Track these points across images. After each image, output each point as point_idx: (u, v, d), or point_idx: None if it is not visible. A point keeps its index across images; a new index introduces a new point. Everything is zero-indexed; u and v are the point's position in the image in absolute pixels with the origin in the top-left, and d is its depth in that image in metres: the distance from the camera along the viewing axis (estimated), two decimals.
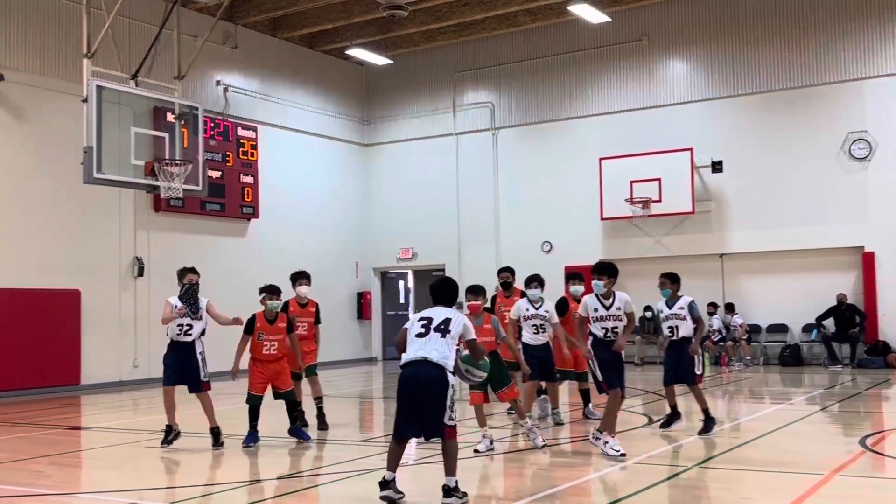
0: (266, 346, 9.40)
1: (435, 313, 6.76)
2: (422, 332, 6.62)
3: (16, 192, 16.00)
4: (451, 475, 6.39)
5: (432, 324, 6.64)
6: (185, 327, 9.32)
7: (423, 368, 6.46)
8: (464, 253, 22.60)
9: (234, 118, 20.32)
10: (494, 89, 22.68)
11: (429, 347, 6.51)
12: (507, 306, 11.15)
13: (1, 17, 15.98)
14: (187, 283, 9.47)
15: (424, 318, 6.73)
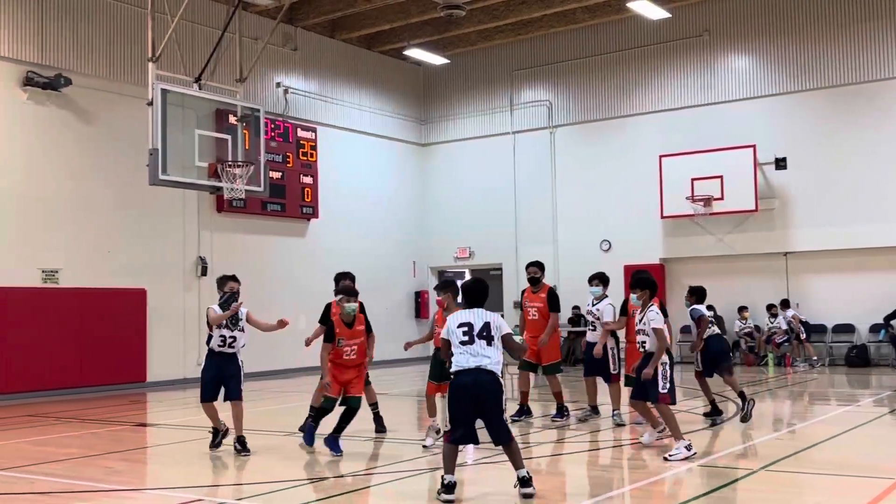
0: (347, 350, 8.93)
1: (473, 317, 6.83)
2: (466, 340, 6.73)
3: (84, 193, 16.40)
4: (523, 467, 6.68)
5: (474, 330, 6.75)
6: (229, 339, 9.09)
7: (480, 377, 6.62)
8: (521, 252, 22.52)
9: (293, 119, 20.56)
10: (552, 87, 22.57)
11: (481, 356, 6.67)
12: (534, 302, 10.99)
13: (69, 24, 16.40)
14: (228, 290, 9.30)
15: (464, 325, 6.80)
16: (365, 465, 8.58)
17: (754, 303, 19.73)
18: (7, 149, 15.42)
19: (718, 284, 20.40)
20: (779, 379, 16.62)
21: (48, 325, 15.61)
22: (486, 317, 6.82)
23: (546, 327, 10.81)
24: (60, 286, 15.97)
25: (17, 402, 14.65)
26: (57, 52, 16.16)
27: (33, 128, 15.78)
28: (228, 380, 9.12)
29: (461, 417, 6.64)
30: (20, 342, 15.17)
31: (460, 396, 6.66)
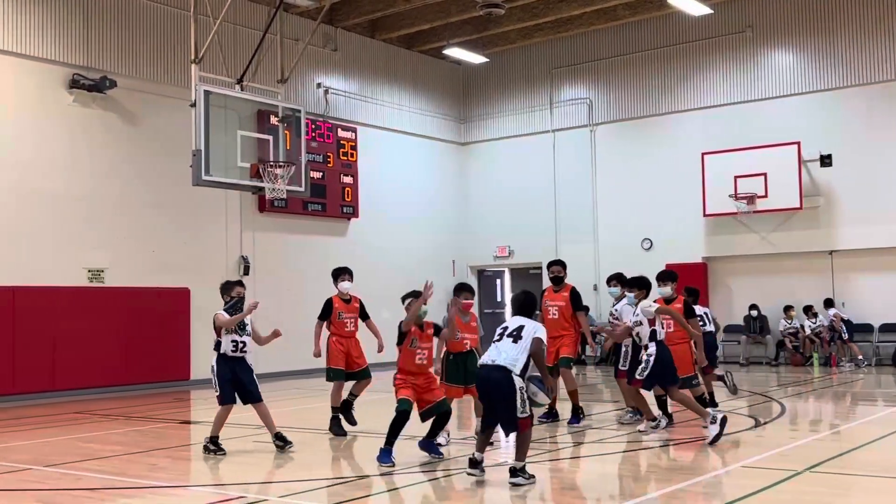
0: (419, 354, 8.50)
1: (512, 322, 7.50)
2: (496, 339, 7.41)
3: (128, 194, 16.66)
4: (521, 460, 7.18)
5: (507, 331, 7.40)
6: (241, 344, 9.18)
7: (491, 373, 7.23)
8: (561, 251, 22.38)
9: (334, 120, 20.69)
10: (592, 85, 22.44)
11: (499, 352, 7.26)
12: (555, 301, 10.86)
13: (113, 27, 16.67)
14: (235, 296, 9.31)
15: (502, 328, 7.50)
16: (409, 464, 8.59)
17: (800, 302, 19.45)
18: (54, 150, 15.72)
19: (762, 283, 20.21)
20: (824, 379, 16.37)
21: (94, 324, 15.88)
22: (525, 322, 7.40)
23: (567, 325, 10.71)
24: (106, 285, 16.24)
25: (64, 399, 14.94)
26: (102, 55, 16.43)
27: (79, 129, 16.07)
28: (247, 384, 9.18)
29: (485, 407, 7.44)
30: (67, 341, 15.46)
31: (478, 389, 7.61)
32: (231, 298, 9.31)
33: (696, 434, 9.86)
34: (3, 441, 10.45)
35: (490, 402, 7.34)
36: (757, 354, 19.90)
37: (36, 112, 15.55)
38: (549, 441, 9.71)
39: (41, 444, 10.08)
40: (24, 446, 9.93)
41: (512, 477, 7.10)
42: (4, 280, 14.80)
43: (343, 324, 10.33)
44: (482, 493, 7.10)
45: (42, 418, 12.55)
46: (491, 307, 24.68)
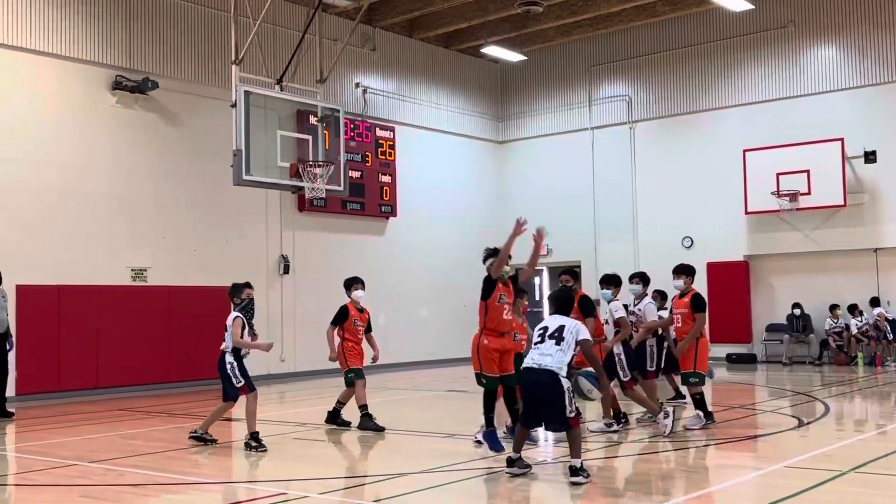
0: (506, 309, 8.63)
1: (551, 322, 7.59)
2: (538, 341, 7.50)
3: (171, 194, 16.87)
4: (577, 457, 7.23)
5: (547, 332, 7.49)
6: None
7: (539, 376, 7.33)
8: (600, 249, 22.31)
9: (372, 119, 20.76)
10: (631, 82, 22.27)
11: (543, 354, 7.39)
12: None
13: (155, 28, 16.89)
14: (245, 297, 9.53)
15: (542, 328, 7.58)
16: (442, 462, 8.61)
17: (844, 301, 19.14)
18: (97, 151, 15.96)
19: (806, 282, 19.91)
20: (868, 379, 16.09)
21: (137, 323, 16.11)
22: (565, 322, 7.54)
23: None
24: (149, 284, 16.46)
25: (108, 396, 15.18)
26: (144, 57, 16.65)
27: (122, 130, 16.30)
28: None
29: (528, 408, 7.53)
30: (111, 339, 15.70)
31: (525, 391, 7.65)
32: (241, 301, 9.54)
33: (740, 434, 9.77)
34: (49, 437, 10.65)
35: (537, 405, 7.41)
36: (800, 354, 19.61)
37: (80, 113, 15.80)
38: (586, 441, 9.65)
39: (86, 440, 10.25)
40: (69, 442, 10.11)
41: (573, 476, 7.14)
42: (50, 279, 15.07)
43: (357, 331, 10.71)
44: (527, 492, 7.09)
45: (86, 415, 12.76)
46: (529, 306, 24.56)
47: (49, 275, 15.06)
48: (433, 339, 21.51)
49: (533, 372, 7.38)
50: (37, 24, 15.25)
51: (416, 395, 15.46)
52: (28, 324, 14.57)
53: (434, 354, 21.37)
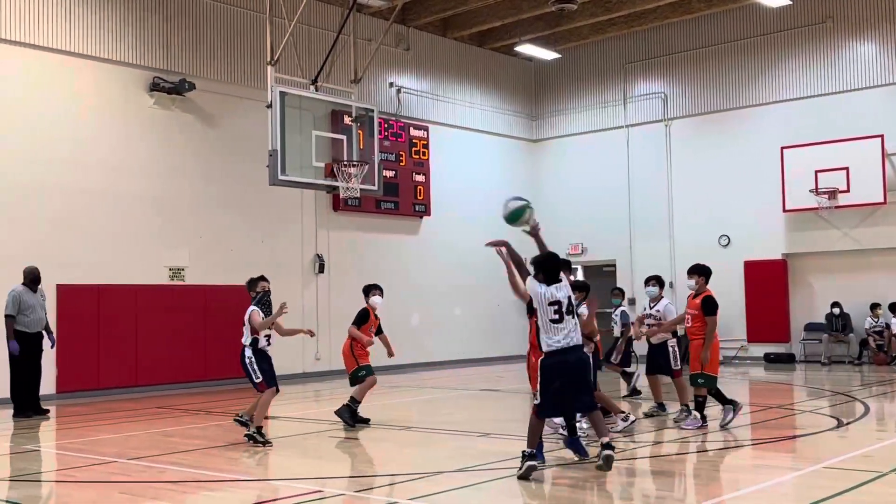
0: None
1: (559, 293, 7.39)
2: (557, 318, 7.29)
3: (207, 194, 17.04)
4: (606, 435, 7.41)
5: (563, 307, 7.31)
6: (270, 337, 9.88)
7: (579, 354, 7.35)
8: (636, 248, 22.17)
9: (406, 118, 20.81)
10: (667, 79, 22.10)
11: (572, 332, 7.32)
12: None
13: (191, 30, 17.07)
14: (261, 290, 9.83)
15: (554, 303, 7.32)
16: (478, 461, 8.61)
17: (885, 299, 18.84)
18: (135, 151, 16.17)
19: (845, 281, 19.63)
20: None
21: (175, 321, 16.29)
22: (567, 290, 7.48)
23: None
24: (186, 283, 16.65)
25: (147, 394, 15.37)
26: (181, 58, 16.83)
27: (159, 131, 16.49)
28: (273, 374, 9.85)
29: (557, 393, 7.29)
30: (150, 337, 15.90)
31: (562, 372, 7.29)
32: (257, 294, 9.84)
33: (778, 434, 9.67)
34: (90, 434, 10.81)
35: (576, 386, 7.27)
36: (839, 353, 19.34)
37: (118, 115, 16.01)
38: (620, 440, 9.60)
39: (125, 437, 10.39)
40: (109, 439, 10.25)
41: (608, 449, 7.25)
42: (90, 279, 15.29)
43: (370, 334, 11.22)
44: (564, 492, 7.07)
45: (125, 412, 12.94)
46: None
47: (89, 274, 15.28)
48: (466, 338, 21.53)
49: (571, 352, 7.25)
50: (76, 27, 15.48)
51: (450, 394, 15.47)
52: (68, 323, 14.80)
53: (467, 353, 21.38)
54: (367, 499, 6.97)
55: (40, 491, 7.81)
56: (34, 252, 14.03)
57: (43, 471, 8.83)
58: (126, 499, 7.02)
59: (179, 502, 6.90)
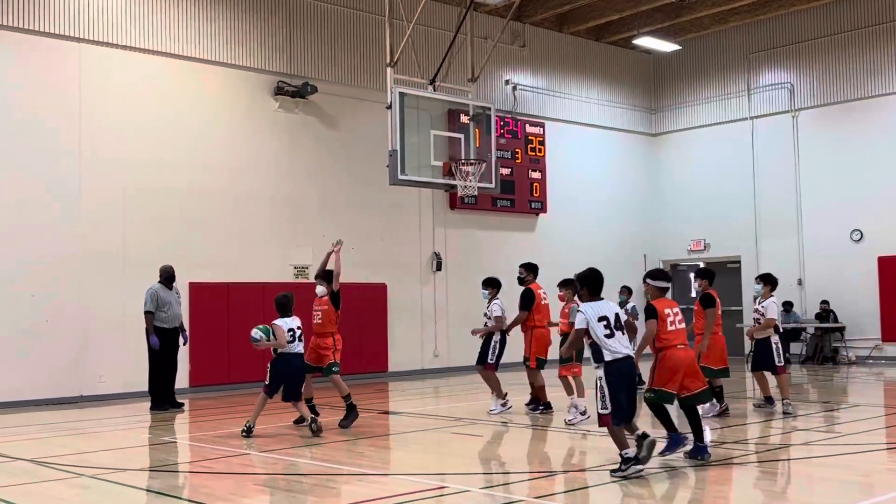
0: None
1: (607, 310, 7.67)
2: (610, 333, 7.56)
3: (328, 194, 17.46)
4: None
5: (611, 322, 7.60)
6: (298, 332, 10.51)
7: (632, 362, 7.68)
8: (761, 244, 21.48)
9: (522, 116, 20.77)
10: (793, 69, 21.30)
11: (628, 344, 7.67)
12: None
13: (314, 34, 17.51)
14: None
15: (603, 318, 7.60)
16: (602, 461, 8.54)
17: None
18: (260, 153, 16.72)
19: None
20: None
21: (301, 318, 16.70)
22: (616, 309, 7.77)
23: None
24: (310, 281, 17.06)
25: None
26: (304, 62, 17.30)
27: (283, 134, 17.00)
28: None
29: (626, 399, 7.50)
30: None
31: (628, 380, 7.56)
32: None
33: None
34: (223, 427, 11.26)
35: (633, 392, 7.63)
36: None
37: (244, 118, 16.59)
38: (754, 441, 9.34)
39: (257, 430, 10.75)
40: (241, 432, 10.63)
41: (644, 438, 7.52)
42: (220, 277, 15.91)
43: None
44: (688, 492, 6.94)
45: (254, 406, 13.36)
46: (685, 302, 23.92)
47: (219, 273, 15.90)
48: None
49: (629, 360, 7.61)
50: (203, 34, 16.12)
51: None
52: (200, 319, 15.44)
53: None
54: (492, 496, 7.01)
55: (179, 481, 8.19)
56: (169, 252, 14.69)
57: (180, 462, 9.25)
58: (260, 490, 7.29)
59: (308, 494, 7.11)
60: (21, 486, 7.54)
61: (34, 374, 13.84)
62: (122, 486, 7.59)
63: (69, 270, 14.33)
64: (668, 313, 8.16)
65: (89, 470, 8.17)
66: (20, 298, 13.84)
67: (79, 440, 10.39)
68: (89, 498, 7.11)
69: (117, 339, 14.57)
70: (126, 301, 14.60)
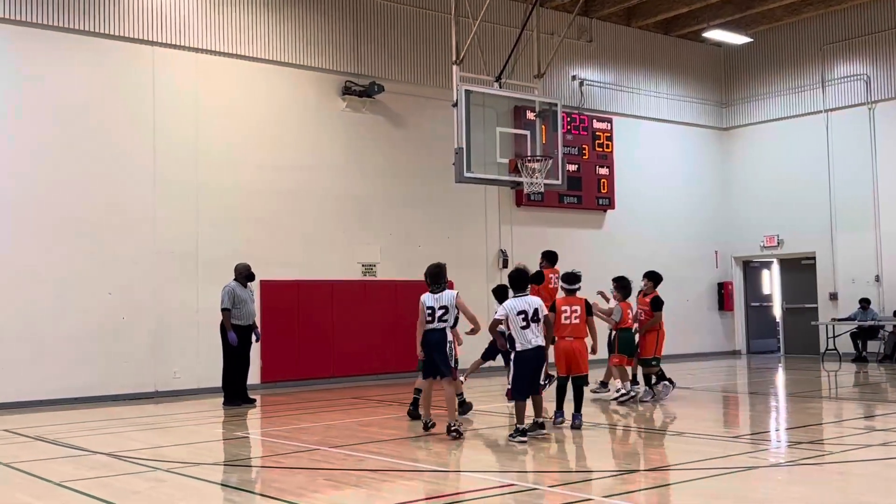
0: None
1: (526, 305, 9.36)
2: (526, 325, 9.27)
3: (395, 192, 17.57)
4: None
5: (528, 315, 9.25)
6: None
7: (540, 352, 9.54)
8: (837, 240, 20.91)
9: (589, 111, 20.59)
10: (870, 60, 20.67)
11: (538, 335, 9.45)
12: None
13: (380, 35, 17.62)
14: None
15: (522, 312, 9.32)
16: (671, 461, 8.43)
17: None
18: (329, 153, 16.90)
19: None
20: None
21: (368, 315, 16.92)
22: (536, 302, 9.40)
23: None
24: (378, 279, 17.24)
25: (343, 385, 16.06)
26: (371, 62, 17.43)
27: (351, 133, 17.16)
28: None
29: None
30: (344, 330, 16.60)
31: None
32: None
33: None
34: (293, 423, 11.42)
35: (536, 375, 9.47)
36: None
37: (313, 118, 16.78)
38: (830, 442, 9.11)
39: (326, 426, 10.89)
40: (311, 428, 10.78)
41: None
42: (291, 275, 16.14)
43: None
44: (754, 492, 6.81)
45: (324, 402, 13.57)
46: (757, 300, 23.50)
47: (290, 271, 16.13)
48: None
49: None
50: (272, 36, 16.36)
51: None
52: (271, 317, 15.68)
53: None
54: (561, 494, 6.97)
55: (252, 476, 8.34)
56: (240, 250, 14.95)
57: (252, 456, 9.41)
58: (330, 485, 7.36)
59: (379, 490, 7.16)
60: (98, 480, 7.75)
61: (111, 370, 14.24)
62: (195, 479, 7.75)
63: (144, 269, 14.70)
64: (564, 310, 10.21)
65: (164, 464, 8.37)
66: (97, 297, 14.25)
67: (154, 435, 10.65)
68: (163, 491, 7.28)
69: (191, 336, 14.90)
70: (199, 299, 14.93)
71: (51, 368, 13.72)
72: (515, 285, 9.65)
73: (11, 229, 13.69)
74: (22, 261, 13.72)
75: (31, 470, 8.22)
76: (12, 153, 13.83)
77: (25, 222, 13.81)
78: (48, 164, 14.05)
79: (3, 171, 13.73)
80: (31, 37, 14.00)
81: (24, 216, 13.80)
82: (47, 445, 9.77)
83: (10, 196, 13.72)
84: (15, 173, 13.80)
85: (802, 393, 14.44)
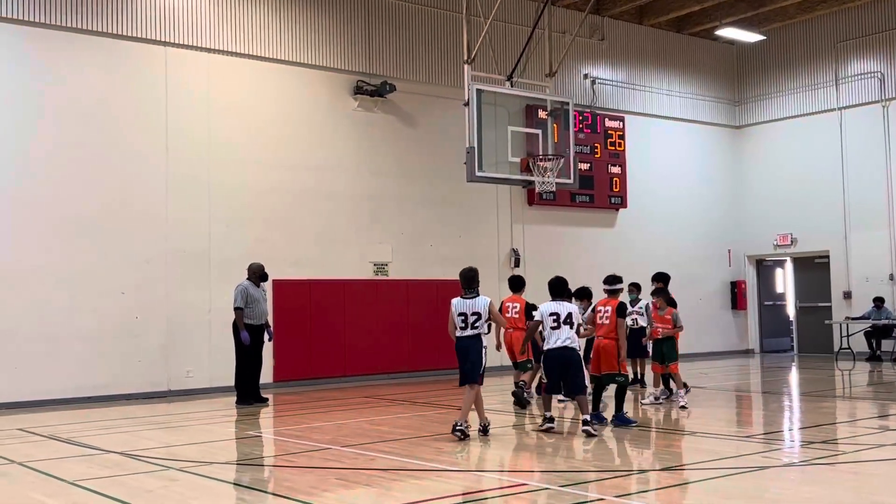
0: None
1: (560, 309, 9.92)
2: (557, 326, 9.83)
3: (407, 191, 17.58)
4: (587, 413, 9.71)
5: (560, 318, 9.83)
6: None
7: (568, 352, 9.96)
8: (851, 239, 20.80)
9: (601, 110, 20.54)
10: (884, 57, 20.54)
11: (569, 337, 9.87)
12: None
13: (392, 34, 17.64)
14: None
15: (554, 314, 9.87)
16: (684, 460, 8.40)
17: None
18: (340, 153, 16.92)
19: None
20: None
21: (380, 315, 16.94)
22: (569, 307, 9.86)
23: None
24: (389, 278, 17.25)
25: (355, 384, 16.08)
26: (382, 62, 17.44)
27: (363, 132, 17.18)
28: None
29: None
30: (356, 329, 16.63)
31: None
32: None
33: None
34: (305, 422, 11.44)
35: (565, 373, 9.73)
36: None
37: (325, 118, 16.81)
38: (844, 441, 9.06)
39: (337, 425, 10.91)
40: (323, 427, 10.80)
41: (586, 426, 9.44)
42: (303, 274, 16.17)
43: None
44: (769, 491, 6.78)
45: (336, 401, 13.59)
46: (771, 299, 23.39)
47: (302, 270, 16.16)
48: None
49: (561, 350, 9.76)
50: (284, 36, 16.39)
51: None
52: (283, 316, 15.72)
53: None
54: (572, 494, 6.96)
55: (264, 475, 8.36)
56: (252, 250, 15.00)
57: (264, 455, 9.43)
58: (342, 484, 7.37)
59: (389, 489, 7.16)
60: (111, 478, 7.79)
61: (124, 369, 14.31)
62: (207, 478, 7.78)
63: (157, 268, 14.76)
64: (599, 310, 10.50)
65: (176, 463, 8.40)
66: (111, 296, 14.32)
67: (166, 434, 10.69)
68: (176, 490, 7.30)
69: (203, 336, 14.95)
70: (212, 298, 14.98)
71: (64, 367, 13.80)
72: (553, 291, 10.14)
73: (24, 229, 13.77)
74: (35, 260, 13.80)
75: (45, 468, 8.27)
76: (27, 153, 13.91)
77: (38, 222, 13.88)
78: (62, 164, 14.13)
79: (19, 171, 13.81)
80: (44, 38, 14.08)
81: (37, 215, 13.87)
82: (61, 444, 9.83)
83: (24, 195, 13.80)
84: (30, 173, 13.89)
85: (816, 392, 14.37)
